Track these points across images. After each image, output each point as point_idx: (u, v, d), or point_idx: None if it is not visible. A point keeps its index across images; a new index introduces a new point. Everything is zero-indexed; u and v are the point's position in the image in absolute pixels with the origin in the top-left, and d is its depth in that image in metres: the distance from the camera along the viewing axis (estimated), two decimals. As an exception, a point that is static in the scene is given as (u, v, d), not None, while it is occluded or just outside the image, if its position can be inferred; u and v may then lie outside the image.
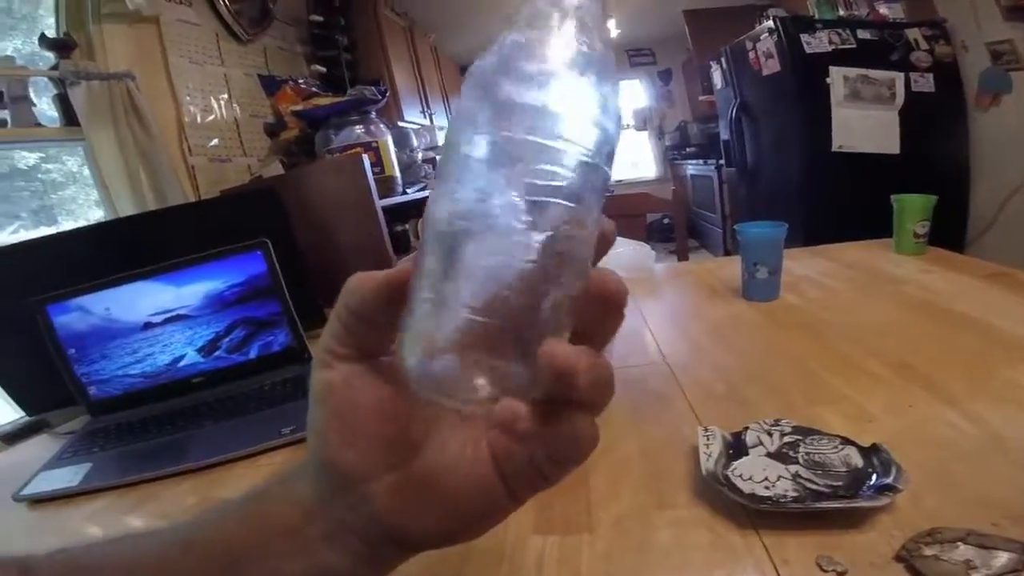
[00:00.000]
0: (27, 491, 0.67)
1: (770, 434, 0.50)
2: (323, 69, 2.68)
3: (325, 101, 1.65)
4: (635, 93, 5.97)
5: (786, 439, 0.49)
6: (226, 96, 2.19)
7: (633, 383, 0.70)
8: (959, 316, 0.78)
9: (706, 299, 1.04)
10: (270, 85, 1.92)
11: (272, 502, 0.24)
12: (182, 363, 0.85)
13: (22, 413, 0.93)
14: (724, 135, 3.10)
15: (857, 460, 0.45)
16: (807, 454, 0.47)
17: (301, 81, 1.92)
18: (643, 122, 5.97)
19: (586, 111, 0.18)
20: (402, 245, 1.87)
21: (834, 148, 2.27)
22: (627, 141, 6.06)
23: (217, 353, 0.86)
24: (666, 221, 4.06)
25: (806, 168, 2.34)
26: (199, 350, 0.86)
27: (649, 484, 0.49)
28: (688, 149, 5.25)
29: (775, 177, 2.66)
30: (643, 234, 1.81)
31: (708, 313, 0.96)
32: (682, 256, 1.61)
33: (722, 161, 3.45)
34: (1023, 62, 2.15)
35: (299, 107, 1.64)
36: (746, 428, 0.52)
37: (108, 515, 0.62)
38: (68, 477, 0.68)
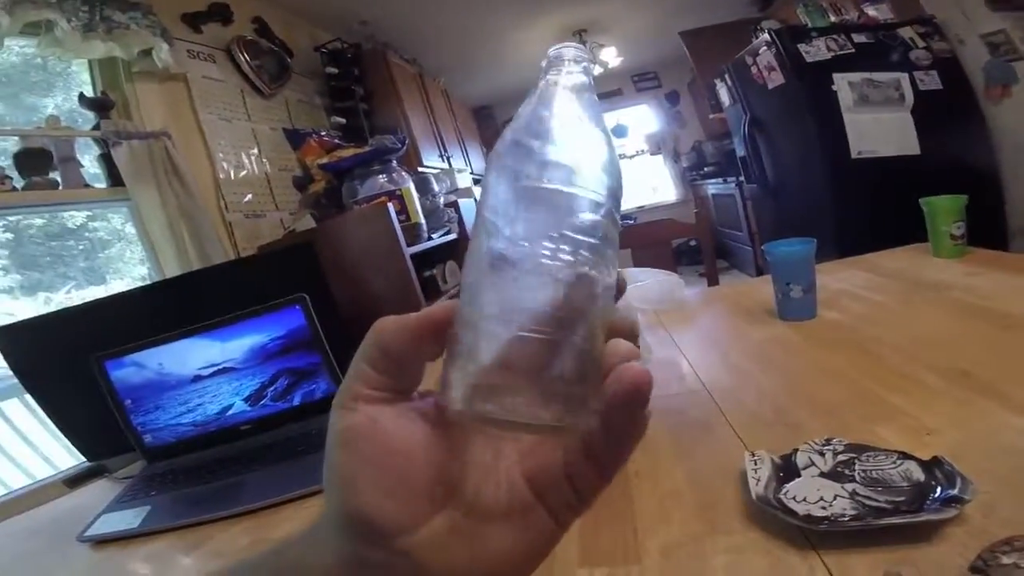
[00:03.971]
0: (91, 532, 0.71)
1: (822, 454, 0.49)
2: (343, 120, 2.79)
3: (348, 153, 1.72)
4: (644, 118, 6.04)
5: (840, 458, 0.48)
6: (256, 151, 2.29)
7: (673, 413, 0.69)
8: (1012, 317, 0.75)
9: (741, 322, 1.02)
10: (295, 138, 2.01)
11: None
12: (231, 412, 0.90)
13: (83, 459, 0.99)
14: (740, 152, 3.10)
15: (919, 474, 0.44)
16: (864, 471, 0.45)
17: (324, 133, 2.00)
18: (656, 146, 6.01)
19: (600, 165, 0.22)
20: (431, 289, 1.90)
21: (853, 155, 2.25)
22: (644, 166, 6.10)
23: (263, 402, 0.90)
24: (692, 243, 4.03)
25: (829, 178, 2.31)
26: (246, 399, 0.90)
27: (698, 512, 0.49)
28: (706, 168, 5.24)
29: (799, 190, 2.63)
30: (671, 260, 1.79)
31: (745, 336, 0.94)
32: (712, 280, 1.58)
33: (742, 178, 3.43)
34: (1021, 51, 2.13)
35: (324, 160, 1.71)
36: (795, 450, 0.51)
37: (167, 555, 0.65)
38: (129, 519, 0.72)
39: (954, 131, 2.28)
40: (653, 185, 6.09)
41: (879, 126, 2.26)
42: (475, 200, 2.68)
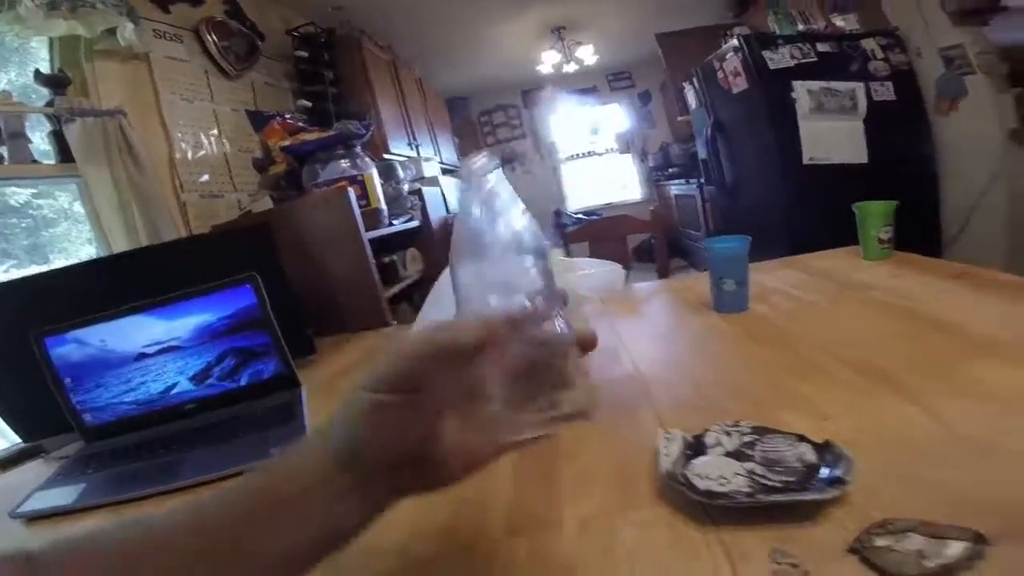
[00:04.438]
0: (23, 508, 0.70)
1: (729, 434, 0.52)
2: (309, 104, 2.75)
3: (311, 136, 1.70)
4: (616, 117, 6.12)
5: (745, 439, 0.51)
6: (216, 132, 2.24)
7: (605, 394, 0.72)
8: (924, 317, 0.80)
9: (681, 313, 1.07)
10: (258, 120, 1.98)
11: (291, 465, 0.31)
12: (174, 391, 0.89)
13: (18, 441, 0.97)
14: (702, 154, 3.18)
15: (811, 456, 0.47)
16: (763, 452, 0.49)
17: (288, 116, 1.98)
18: (626, 145, 6.10)
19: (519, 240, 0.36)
20: (391, 275, 1.90)
21: (805, 161, 2.34)
22: (613, 165, 6.18)
23: (209, 381, 0.89)
24: (653, 242, 4.12)
25: (782, 182, 2.40)
26: (191, 379, 0.89)
27: (615, 487, 0.51)
28: (671, 169, 5.34)
29: (754, 193, 2.72)
30: (626, 256, 1.85)
31: (681, 326, 1.00)
32: (664, 274, 1.65)
33: (703, 180, 3.52)
34: (974, 66, 2.24)
35: (287, 142, 1.69)
36: (707, 430, 0.53)
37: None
38: (64, 496, 0.71)
39: (902, 141, 2.40)
40: (622, 183, 6.18)
41: (832, 134, 2.36)
42: (441, 189, 2.69)
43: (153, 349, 0.88)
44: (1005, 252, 2.31)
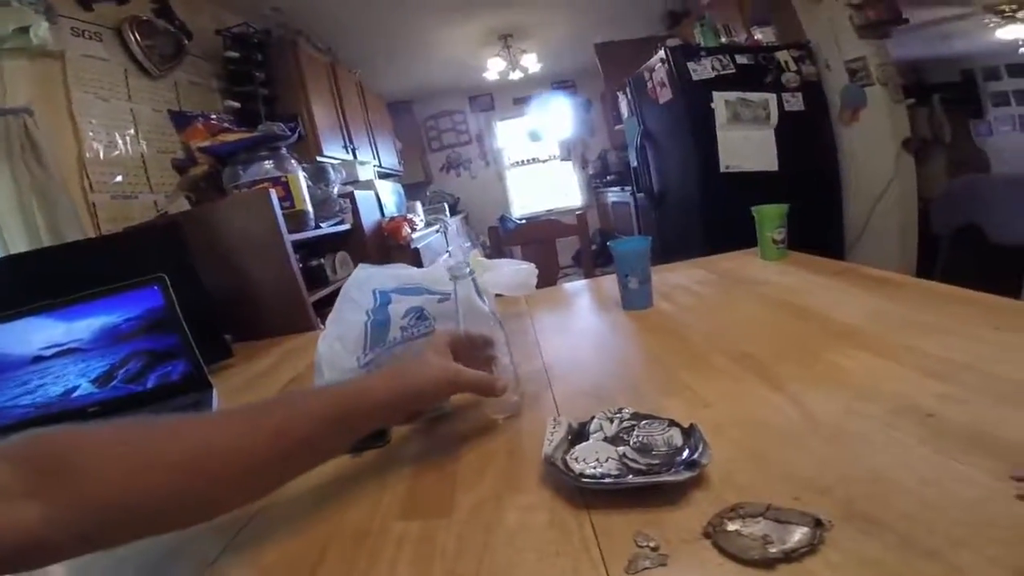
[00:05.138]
0: None
1: (612, 420, 0.55)
2: (237, 104, 2.66)
3: (232, 137, 1.65)
4: (559, 124, 6.22)
5: (624, 424, 0.54)
6: (132, 132, 2.15)
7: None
8: (801, 309, 0.87)
9: (593, 311, 1.14)
10: (180, 121, 1.90)
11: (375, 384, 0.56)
12: (76, 394, 0.86)
13: None
14: (633, 162, 3.30)
15: (678, 440, 0.50)
16: (638, 437, 0.52)
17: (213, 117, 1.91)
18: (568, 152, 6.23)
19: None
20: (318, 279, 1.87)
21: (722, 169, 2.47)
22: (554, 172, 6.31)
23: (113, 383, 0.87)
24: (593, 247, 4.23)
25: (702, 189, 2.52)
26: (93, 381, 0.86)
27: (507, 472, 0.54)
28: (608, 177, 5.49)
29: (677, 200, 2.84)
30: (554, 256, 1.92)
31: (591, 323, 1.06)
32: (588, 275, 1.73)
33: (635, 188, 3.65)
34: (873, 77, 2.43)
35: (206, 143, 1.63)
36: (592, 417, 0.56)
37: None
38: None
39: (808, 150, 2.55)
40: (564, 191, 6.30)
41: (746, 143, 2.49)
42: (376, 193, 2.67)
43: (50, 352, 0.85)
44: (897, 251, 2.54)
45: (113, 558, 0.47)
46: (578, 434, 0.54)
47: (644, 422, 0.54)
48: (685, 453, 0.47)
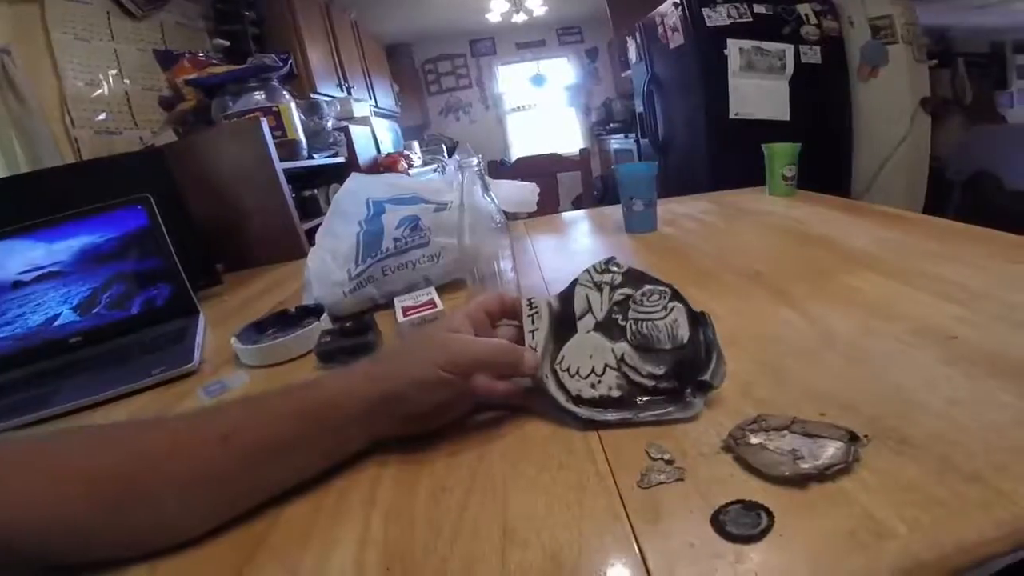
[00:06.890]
0: None
1: (599, 289, 0.48)
2: (226, 43, 2.55)
3: (222, 69, 1.58)
4: (564, 71, 6.07)
5: (616, 296, 0.48)
6: (116, 72, 2.13)
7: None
8: (811, 237, 0.86)
9: (595, 235, 1.13)
10: (166, 59, 1.81)
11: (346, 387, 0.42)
12: (57, 322, 0.82)
13: None
14: (639, 108, 3.21)
15: (684, 331, 0.45)
16: (635, 320, 0.46)
17: (201, 55, 1.82)
18: (571, 99, 6.08)
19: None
20: (311, 209, 1.84)
21: (731, 116, 2.41)
22: (557, 118, 6.16)
23: (96, 310, 0.83)
24: (595, 193, 4.17)
25: (709, 136, 2.46)
26: (76, 308, 0.83)
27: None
28: (612, 125, 5.38)
29: (683, 146, 2.78)
30: (556, 194, 1.89)
31: (592, 245, 1.05)
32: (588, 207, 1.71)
33: (640, 134, 3.56)
34: (898, 36, 2.35)
35: (193, 75, 1.56)
36: (575, 282, 0.49)
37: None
38: None
39: (822, 103, 2.48)
40: (564, 136, 6.17)
41: (759, 91, 2.42)
42: (372, 130, 2.59)
43: (30, 276, 0.80)
44: (903, 205, 2.49)
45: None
46: (561, 320, 0.47)
47: (640, 293, 0.47)
48: (694, 366, 0.43)
